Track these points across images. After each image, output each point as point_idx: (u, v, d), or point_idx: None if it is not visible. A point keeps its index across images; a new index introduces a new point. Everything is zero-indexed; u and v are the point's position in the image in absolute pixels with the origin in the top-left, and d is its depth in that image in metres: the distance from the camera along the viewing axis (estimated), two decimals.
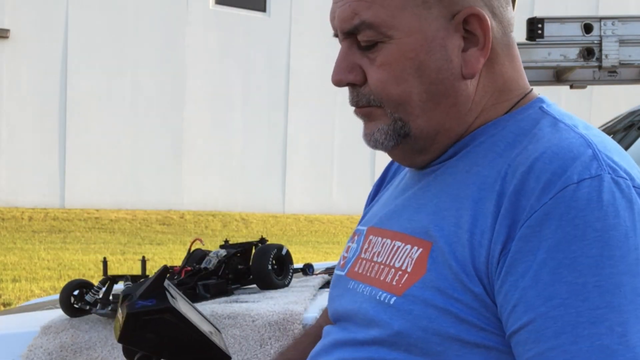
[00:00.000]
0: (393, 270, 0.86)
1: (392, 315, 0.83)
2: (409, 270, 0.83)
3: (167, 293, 0.91)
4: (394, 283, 0.85)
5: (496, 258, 0.76)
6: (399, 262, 0.86)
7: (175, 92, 13.16)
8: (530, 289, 0.73)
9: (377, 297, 0.86)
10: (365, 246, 0.96)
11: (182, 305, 0.94)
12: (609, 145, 0.80)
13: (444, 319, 0.79)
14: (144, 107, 12.92)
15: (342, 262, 1.03)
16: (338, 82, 0.90)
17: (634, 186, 0.75)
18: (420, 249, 0.83)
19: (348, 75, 0.89)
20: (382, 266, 0.89)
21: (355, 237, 1.02)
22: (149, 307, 0.89)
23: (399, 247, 0.87)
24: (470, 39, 0.85)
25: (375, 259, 0.91)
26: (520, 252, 0.74)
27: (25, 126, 12.19)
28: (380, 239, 0.93)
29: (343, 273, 1.00)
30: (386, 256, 0.89)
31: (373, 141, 0.90)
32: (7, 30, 11.99)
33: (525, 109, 0.88)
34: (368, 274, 0.91)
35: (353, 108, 0.93)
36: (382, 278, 0.88)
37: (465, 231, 0.79)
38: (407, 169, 0.99)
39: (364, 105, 0.90)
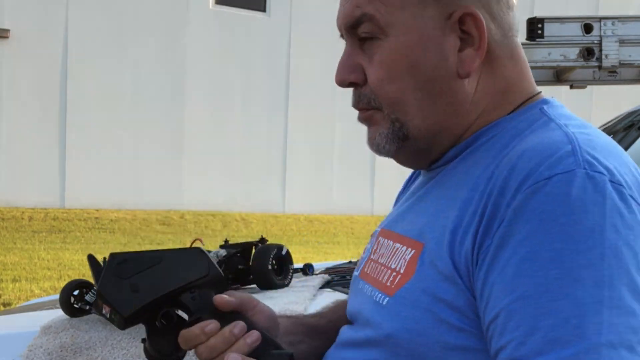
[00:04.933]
0: (389, 271, 0.88)
1: (384, 317, 0.85)
2: (401, 271, 0.86)
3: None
4: (389, 284, 0.87)
5: (475, 257, 0.77)
6: (395, 263, 0.88)
7: (175, 92, 13.16)
8: (496, 284, 0.74)
9: (375, 298, 0.89)
10: (375, 247, 0.98)
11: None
12: (598, 143, 0.79)
13: (427, 320, 0.80)
14: (144, 107, 12.92)
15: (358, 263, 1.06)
16: (341, 82, 0.91)
17: (611, 181, 0.73)
18: (413, 251, 0.85)
19: (350, 75, 0.90)
20: (382, 267, 0.91)
21: (371, 239, 1.05)
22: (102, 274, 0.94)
23: (397, 248, 0.89)
24: (466, 39, 0.86)
25: (380, 260, 0.94)
26: (494, 249, 0.75)
27: (25, 126, 12.19)
28: (386, 240, 0.95)
29: (357, 274, 1.02)
30: (387, 258, 0.91)
31: (375, 146, 0.92)
32: (7, 30, 11.98)
33: (526, 110, 0.89)
34: (373, 275, 0.93)
35: (353, 109, 0.94)
36: (380, 279, 0.90)
37: (450, 231, 0.81)
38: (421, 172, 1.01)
39: (364, 108, 0.91)
